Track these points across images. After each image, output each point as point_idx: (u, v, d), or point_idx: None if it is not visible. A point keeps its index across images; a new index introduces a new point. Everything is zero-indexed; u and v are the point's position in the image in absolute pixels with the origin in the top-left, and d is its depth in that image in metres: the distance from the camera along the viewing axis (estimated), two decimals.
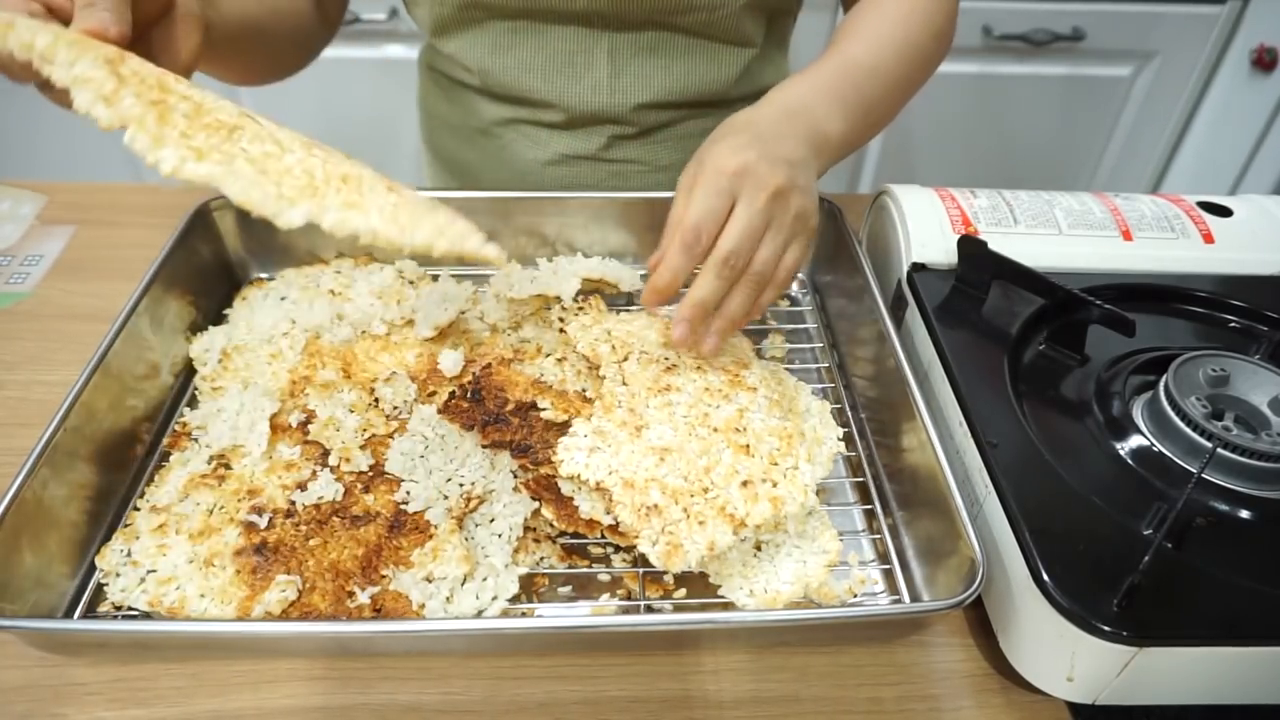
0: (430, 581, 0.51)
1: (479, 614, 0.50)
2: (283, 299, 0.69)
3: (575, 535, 0.54)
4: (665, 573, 0.53)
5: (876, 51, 0.65)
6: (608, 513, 0.52)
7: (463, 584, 0.51)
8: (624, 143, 0.83)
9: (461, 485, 0.55)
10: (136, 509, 0.55)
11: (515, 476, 0.56)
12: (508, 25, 0.76)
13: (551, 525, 0.54)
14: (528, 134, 0.83)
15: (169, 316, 0.67)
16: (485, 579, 0.52)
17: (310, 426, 0.58)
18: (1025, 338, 0.63)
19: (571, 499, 0.53)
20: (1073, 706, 0.50)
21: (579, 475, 0.52)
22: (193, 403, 0.65)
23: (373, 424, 0.59)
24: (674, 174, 0.55)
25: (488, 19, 0.76)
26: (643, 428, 0.54)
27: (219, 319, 0.72)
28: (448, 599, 0.51)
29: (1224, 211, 0.73)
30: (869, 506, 0.60)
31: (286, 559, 0.52)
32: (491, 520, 0.54)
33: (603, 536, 0.54)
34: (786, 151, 0.54)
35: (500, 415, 0.58)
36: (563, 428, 0.56)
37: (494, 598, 0.51)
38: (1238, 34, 1.48)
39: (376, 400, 0.60)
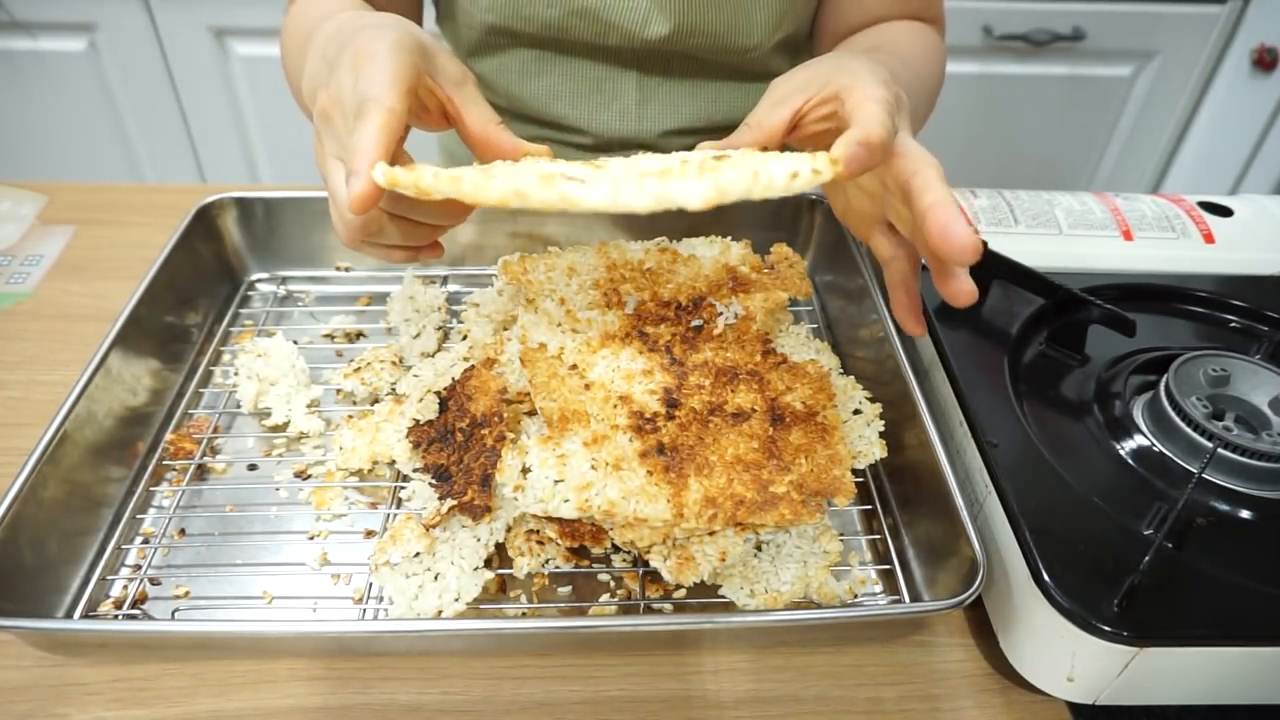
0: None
1: (438, 614, 0.50)
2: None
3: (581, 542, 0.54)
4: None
5: (921, 63, 0.67)
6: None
7: (434, 579, 0.51)
8: None
9: None
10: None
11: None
12: (535, 54, 0.76)
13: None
14: (554, 154, 0.83)
15: (169, 316, 0.67)
16: (452, 579, 0.51)
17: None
18: (1025, 338, 0.63)
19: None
20: (1073, 706, 0.50)
21: (548, 512, 0.50)
22: (195, 401, 0.65)
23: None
24: None
25: (514, 46, 0.76)
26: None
27: (219, 319, 0.72)
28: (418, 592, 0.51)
29: (1224, 211, 0.73)
30: (869, 507, 0.60)
31: (689, 457, 0.51)
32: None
33: (613, 548, 0.54)
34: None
35: (446, 431, 0.58)
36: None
37: (456, 599, 0.50)
38: (1238, 34, 1.49)
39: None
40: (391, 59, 0.43)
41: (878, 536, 0.58)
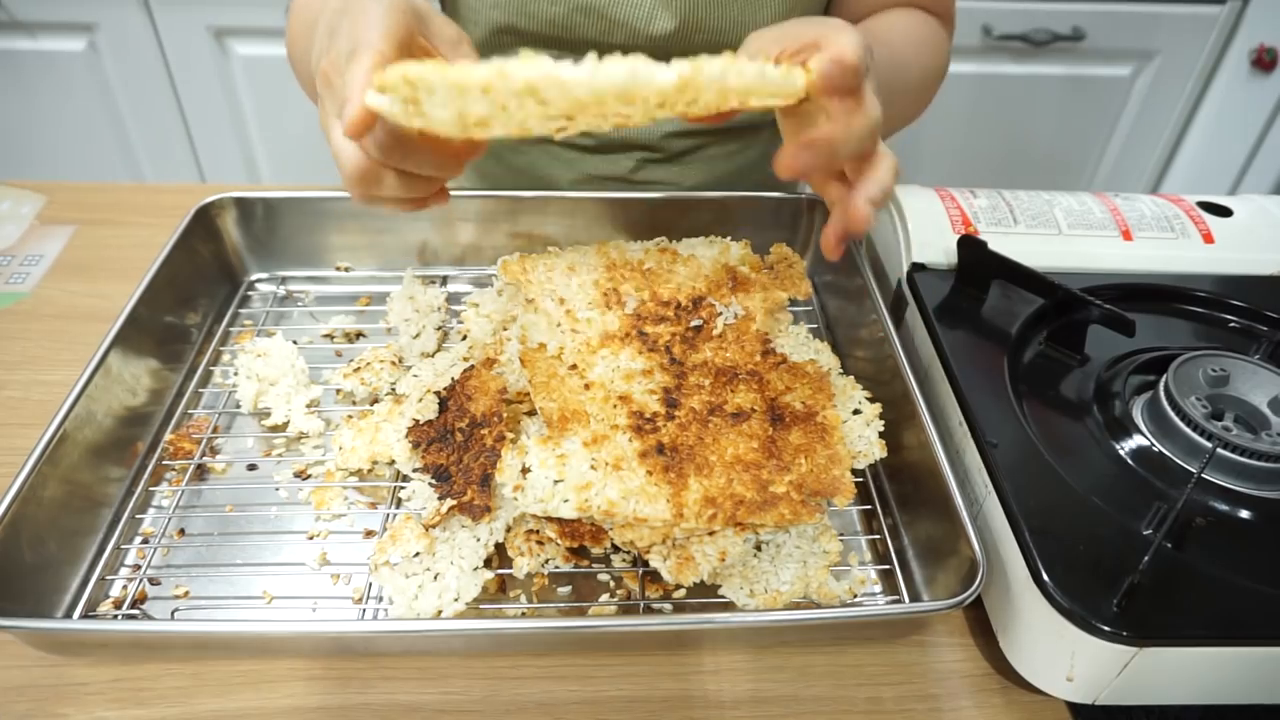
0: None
1: (438, 614, 0.50)
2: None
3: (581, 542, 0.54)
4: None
5: (913, 57, 0.69)
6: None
7: (434, 579, 0.51)
8: (652, 165, 0.83)
9: None
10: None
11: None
12: (539, 53, 0.76)
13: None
14: (556, 154, 0.83)
15: (169, 316, 0.67)
16: (452, 579, 0.51)
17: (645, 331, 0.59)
18: (1025, 338, 0.63)
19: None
20: (1073, 706, 0.50)
21: (547, 512, 0.50)
22: (195, 401, 0.65)
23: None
24: None
25: (519, 45, 0.76)
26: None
27: (219, 319, 0.72)
28: (418, 591, 0.51)
29: (1224, 211, 0.73)
30: (869, 507, 0.60)
31: (689, 457, 0.51)
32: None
33: (613, 548, 0.54)
34: None
35: (446, 431, 0.58)
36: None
37: (455, 599, 0.50)
38: (1238, 34, 1.48)
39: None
40: (384, 15, 0.45)
41: (877, 536, 0.58)
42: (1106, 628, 0.44)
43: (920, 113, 0.75)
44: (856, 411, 0.60)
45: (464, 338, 0.68)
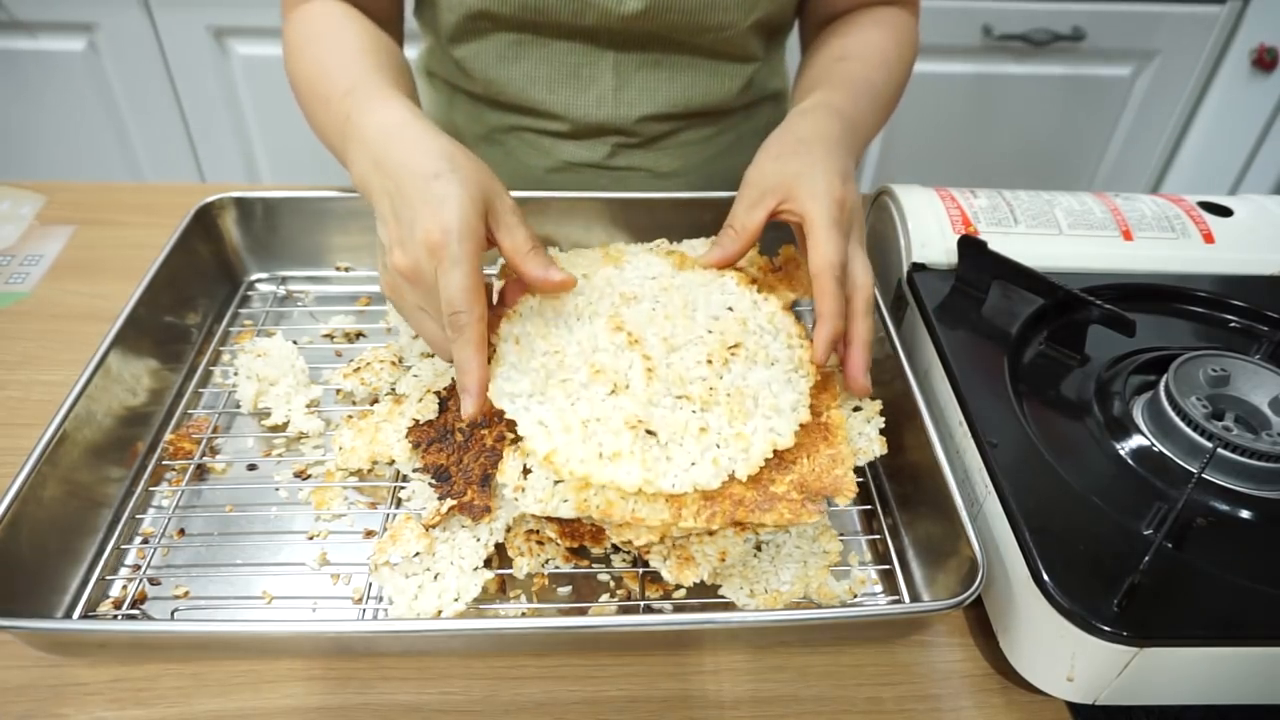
0: None
1: (438, 614, 0.50)
2: None
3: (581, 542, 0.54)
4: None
5: (885, 77, 0.72)
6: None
7: (434, 579, 0.51)
8: (628, 151, 0.83)
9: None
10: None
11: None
12: (513, 37, 0.76)
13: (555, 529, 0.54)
14: (531, 141, 0.83)
15: (169, 316, 0.67)
16: (452, 579, 0.51)
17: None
18: (1025, 338, 0.63)
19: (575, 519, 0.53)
20: (1073, 706, 0.50)
21: (547, 513, 0.50)
22: (194, 401, 0.65)
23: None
24: (676, 180, 0.57)
25: (494, 30, 0.76)
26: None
27: (219, 319, 0.72)
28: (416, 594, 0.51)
29: (1224, 211, 0.73)
30: (869, 507, 0.60)
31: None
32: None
33: (613, 548, 0.54)
34: (850, 169, 0.60)
35: (446, 431, 0.58)
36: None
37: (455, 599, 0.50)
38: (1238, 34, 1.49)
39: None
40: (466, 256, 0.48)
41: (877, 536, 0.58)
42: (1107, 628, 0.44)
43: (889, 117, 0.77)
44: (857, 408, 0.60)
45: None
